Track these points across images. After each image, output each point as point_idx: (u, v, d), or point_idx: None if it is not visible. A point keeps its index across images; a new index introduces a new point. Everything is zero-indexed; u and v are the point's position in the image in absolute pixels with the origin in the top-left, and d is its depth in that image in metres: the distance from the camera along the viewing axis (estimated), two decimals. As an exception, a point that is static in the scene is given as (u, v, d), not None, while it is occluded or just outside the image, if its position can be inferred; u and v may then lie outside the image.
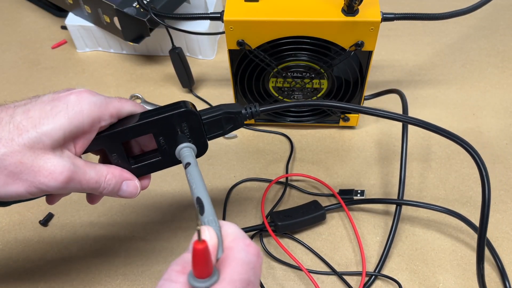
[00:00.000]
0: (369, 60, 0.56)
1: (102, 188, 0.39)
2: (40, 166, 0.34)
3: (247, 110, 0.43)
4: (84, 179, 0.37)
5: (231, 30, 0.53)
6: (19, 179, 0.34)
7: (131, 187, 0.42)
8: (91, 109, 0.36)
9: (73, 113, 0.35)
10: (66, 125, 0.35)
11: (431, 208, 0.56)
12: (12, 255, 0.56)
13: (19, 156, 0.34)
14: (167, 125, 0.41)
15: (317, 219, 0.56)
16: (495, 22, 0.81)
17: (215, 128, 0.42)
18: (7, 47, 0.81)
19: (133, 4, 0.67)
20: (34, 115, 0.35)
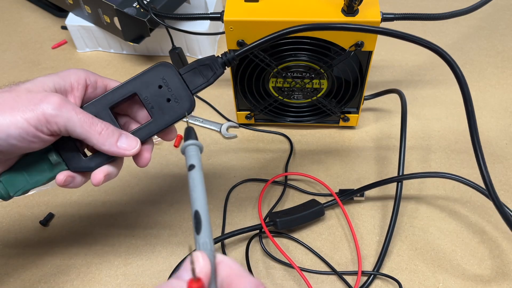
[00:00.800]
0: (369, 60, 0.56)
1: (100, 128, 0.39)
2: (35, 95, 0.37)
3: (223, 57, 0.44)
4: (79, 111, 0.38)
5: (231, 30, 0.53)
6: (14, 109, 0.36)
7: (131, 138, 0.41)
8: (78, 70, 0.41)
9: (62, 73, 0.40)
10: (55, 78, 0.39)
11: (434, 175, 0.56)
12: (12, 255, 0.56)
13: (16, 93, 0.37)
14: (147, 82, 0.42)
15: (315, 214, 0.56)
16: (494, 22, 0.81)
17: (196, 79, 0.43)
18: (7, 47, 0.81)
19: (133, 4, 0.67)
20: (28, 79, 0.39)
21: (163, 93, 0.42)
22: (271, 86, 0.61)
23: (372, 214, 0.58)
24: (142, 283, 0.53)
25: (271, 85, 0.61)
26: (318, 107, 0.63)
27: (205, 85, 0.44)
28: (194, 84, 0.43)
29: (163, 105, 0.42)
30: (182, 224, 0.58)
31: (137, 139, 0.41)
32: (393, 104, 0.69)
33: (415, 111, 0.68)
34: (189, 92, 0.43)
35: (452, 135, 0.66)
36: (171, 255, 0.55)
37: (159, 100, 0.42)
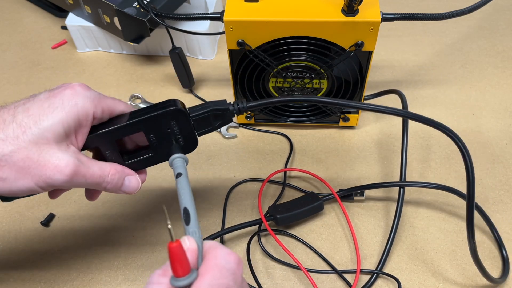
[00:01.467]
0: (369, 60, 0.56)
1: (106, 183, 0.41)
2: (46, 160, 0.36)
3: (234, 107, 0.44)
4: (88, 173, 0.39)
5: (231, 30, 0.53)
6: (28, 174, 0.36)
7: (133, 181, 0.43)
8: (85, 102, 0.38)
9: (69, 107, 0.38)
10: (64, 119, 0.37)
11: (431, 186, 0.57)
12: (12, 255, 0.56)
13: (26, 152, 0.35)
14: (156, 123, 0.42)
15: (315, 209, 0.56)
16: (494, 22, 0.81)
17: (204, 124, 0.44)
18: (7, 47, 0.81)
19: (133, 4, 0.67)
20: (34, 112, 0.37)
21: (170, 134, 0.43)
22: (271, 86, 0.61)
23: (372, 214, 0.58)
24: (142, 283, 0.53)
25: (271, 85, 0.61)
26: (318, 107, 0.63)
27: (209, 131, 0.45)
28: (201, 128, 0.44)
29: (166, 144, 0.43)
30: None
31: (139, 180, 0.43)
32: (393, 104, 0.69)
33: (415, 111, 0.67)
34: (196, 136, 0.44)
35: (452, 135, 0.65)
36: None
37: (164, 140, 0.43)
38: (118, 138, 0.42)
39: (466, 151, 0.44)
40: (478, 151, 0.64)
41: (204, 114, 0.43)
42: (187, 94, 0.72)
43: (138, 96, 0.72)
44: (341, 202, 0.57)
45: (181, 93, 0.73)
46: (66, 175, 0.37)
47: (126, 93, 0.73)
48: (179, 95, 0.72)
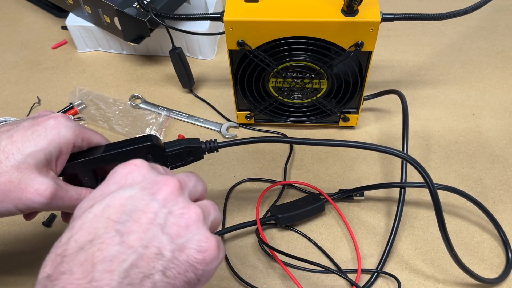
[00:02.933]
0: (368, 60, 0.56)
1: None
2: (27, 184, 0.38)
3: (207, 145, 0.48)
4: (66, 196, 0.40)
5: (231, 31, 0.54)
6: (8, 197, 0.37)
7: None
8: (67, 131, 0.40)
9: (51, 136, 0.39)
10: (46, 147, 0.39)
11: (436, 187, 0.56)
12: (14, 256, 0.56)
13: (7, 176, 0.37)
14: (133, 156, 0.44)
15: (316, 210, 0.56)
16: (494, 22, 0.81)
17: (177, 159, 0.47)
18: (7, 47, 0.82)
19: (133, 5, 0.67)
20: (17, 139, 0.39)
21: None
22: (271, 86, 0.61)
23: (372, 214, 0.58)
24: (142, 283, 0.53)
25: (271, 85, 0.61)
26: (318, 107, 0.63)
27: (182, 165, 0.47)
28: (174, 162, 0.47)
29: None
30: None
31: None
32: (393, 104, 0.69)
33: (415, 111, 0.68)
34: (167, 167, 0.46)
35: (452, 135, 0.66)
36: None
37: None
38: (96, 167, 0.45)
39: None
40: (478, 151, 0.64)
41: (178, 150, 0.46)
42: (187, 94, 0.73)
43: (138, 96, 0.72)
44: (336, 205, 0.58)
45: (181, 93, 0.73)
46: (45, 198, 0.38)
47: (126, 93, 0.73)
48: (179, 95, 0.72)
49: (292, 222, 0.56)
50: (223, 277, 0.54)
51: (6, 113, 0.71)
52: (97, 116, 0.69)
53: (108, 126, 0.68)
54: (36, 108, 0.72)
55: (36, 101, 0.72)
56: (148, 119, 0.69)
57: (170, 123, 0.69)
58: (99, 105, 0.70)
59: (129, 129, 0.67)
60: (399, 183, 0.58)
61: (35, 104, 0.72)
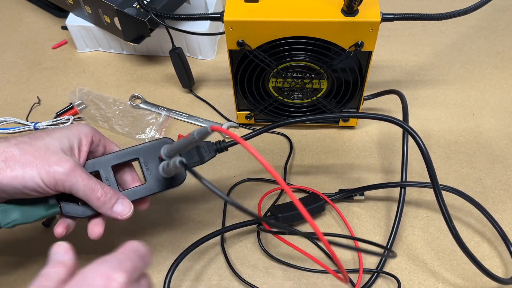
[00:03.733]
0: (368, 60, 0.56)
1: (100, 194, 0.43)
2: (52, 154, 0.41)
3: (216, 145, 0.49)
4: (85, 177, 0.42)
5: (231, 31, 0.54)
6: (33, 162, 0.40)
7: (125, 204, 0.45)
8: (86, 127, 0.46)
9: (73, 128, 0.45)
10: (69, 134, 0.44)
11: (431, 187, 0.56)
12: (13, 255, 0.56)
13: (36, 147, 0.41)
14: (150, 151, 0.47)
15: (317, 210, 0.57)
16: (494, 22, 0.81)
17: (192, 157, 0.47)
18: (7, 47, 0.82)
19: (133, 5, 0.67)
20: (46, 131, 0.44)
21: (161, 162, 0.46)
22: (271, 86, 0.61)
23: (372, 214, 0.58)
24: (142, 283, 0.53)
25: (271, 85, 0.61)
26: (318, 107, 0.63)
27: (198, 164, 0.48)
28: (190, 161, 0.47)
29: (159, 174, 0.46)
30: (182, 224, 0.58)
31: (131, 205, 0.45)
32: (393, 104, 0.69)
33: (415, 111, 0.68)
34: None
35: (452, 135, 0.66)
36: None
37: (156, 169, 0.47)
38: (115, 164, 0.47)
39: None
40: (478, 151, 0.64)
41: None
42: (187, 94, 0.73)
43: (138, 96, 0.72)
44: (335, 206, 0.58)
45: (181, 93, 0.73)
46: (66, 168, 0.41)
47: (126, 93, 0.73)
48: (179, 95, 0.72)
49: (293, 221, 0.56)
50: (223, 277, 0.54)
51: (6, 113, 0.71)
52: (97, 116, 0.69)
53: (108, 126, 0.68)
54: (36, 108, 0.72)
55: (36, 101, 0.72)
56: (148, 119, 0.69)
57: (170, 123, 0.69)
58: (99, 105, 0.70)
59: (129, 129, 0.67)
60: (399, 182, 0.58)
61: (35, 104, 0.72)
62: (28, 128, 0.68)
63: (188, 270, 0.54)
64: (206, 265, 0.55)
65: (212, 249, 0.56)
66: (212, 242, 0.56)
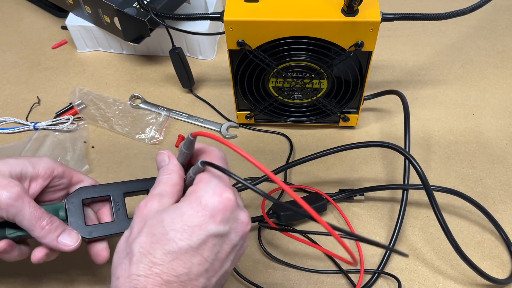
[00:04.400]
0: (369, 60, 0.56)
1: (46, 223, 0.41)
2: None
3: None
4: (32, 205, 0.40)
5: (231, 30, 0.53)
6: None
7: (72, 235, 0.43)
8: (48, 160, 0.44)
9: (33, 159, 0.43)
10: (24, 162, 0.42)
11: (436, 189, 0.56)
12: (12, 255, 0.56)
13: None
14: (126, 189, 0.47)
15: (318, 209, 0.57)
16: (494, 22, 0.81)
17: None
18: (7, 47, 0.81)
19: (133, 4, 0.67)
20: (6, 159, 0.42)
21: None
22: (271, 86, 0.61)
23: (372, 215, 0.58)
24: (142, 283, 0.53)
25: (271, 85, 0.61)
26: (318, 107, 0.63)
27: None
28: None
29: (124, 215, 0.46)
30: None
31: (79, 236, 0.43)
32: (393, 104, 0.69)
33: (415, 111, 0.68)
34: None
35: (452, 135, 0.66)
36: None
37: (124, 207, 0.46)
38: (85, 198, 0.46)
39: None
40: (478, 151, 0.64)
41: None
42: (187, 94, 0.73)
43: (138, 96, 0.72)
44: (337, 205, 0.58)
45: (181, 93, 0.73)
46: (12, 193, 0.39)
47: (126, 93, 0.73)
48: (179, 95, 0.72)
49: (294, 220, 0.56)
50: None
51: (6, 113, 0.71)
52: (97, 116, 0.69)
53: (108, 126, 0.68)
54: (36, 108, 0.72)
55: (36, 101, 0.72)
56: (148, 119, 0.69)
57: (170, 123, 0.69)
58: (99, 105, 0.70)
59: (129, 129, 0.67)
60: (401, 185, 0.57)
61: (35, 104, 0.72)
62: (28, 128, 0.68)
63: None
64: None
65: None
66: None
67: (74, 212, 0.44)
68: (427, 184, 0.50)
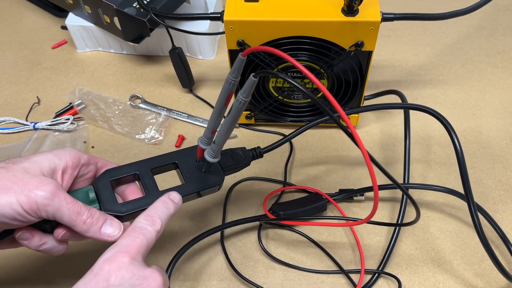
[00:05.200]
0: (369, 60, 0.56)
1: (86, 217, 0.40)
2: (30, 179, 0.38)
3: (252, 151, 0.51)
4: (69, 200, 0.39)
5: (231, 30, 0.53)
6: (11, 189, 0.37)
7: (115, 224, 0.42)
8: (72, 150, 0.44)
9: (57, 151, 0.43)
10: (51, 157, 0.41)
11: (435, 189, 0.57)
12: (12, 255, 0.56)
13: (13, 173, 0.38)
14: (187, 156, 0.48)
15: (318, 209, 0.56)
16: (494, 22, 0.81)
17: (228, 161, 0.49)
18: (7, 47, 0.81)
19: (133, 4, 0.67)
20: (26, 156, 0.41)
21: (199, 165, 0.47)
22: (271, 86, 0.61)
23: (372, 214, 0.58)
24: (142, 283, 0.53)
25: (271, 85, 0.61)
26: (318, 107, 0.63)
27: (234, 166, 0.49)
28: (226, 164, 0.48)
29: (196, 174, 0.47)
30: (183, 224, 0.58)
31: (121, 225, 0.43)
32: (393, 104, 0.69)
33: (415, 111, 0.68)
34: (221, 168, 0.48)
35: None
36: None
37: (193, 172, 0.47)
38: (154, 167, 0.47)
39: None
40: (478, 151, 0.64)
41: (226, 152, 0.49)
42: (187, 94, 0.73)
43: (138, 96, 0.72)
44: (338, 205, 0.57)
45: (181, 93, 0.73)
46: (47, 192, 0.38)
47: (126, 93, 0.73)
48: (179, 95, 0.72)
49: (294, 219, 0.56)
50: (223, 277, 0.54)
51: (6, 113, 0.71)
52: (97, 116, 0.69)
53: (107, 126, 0.68)
54: (36, 108, 0.71)
55: (36, 101, 0.72)
56: (148, 119, 0.69)
57: (170, 123, 0.68)
58: (99, 105, 0.70)
59: (129, 129, 0.67)
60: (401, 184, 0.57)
61: (35, 104, 0.72)
62: (28, 128, 0.68)
63: (187, 269, 0.54)
64: (206, 264, 0.55)
65: (212, 248, 0.56)
66: (212, 241, 0.56)
67: (104, 193, 0.44)
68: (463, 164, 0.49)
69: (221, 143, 0.42)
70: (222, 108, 0.41)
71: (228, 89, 0.39)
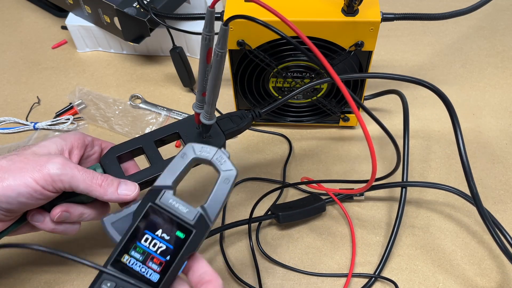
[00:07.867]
0: (369, 60, 0.56)
1: (101, 180, 0.42)
2: (40, 158, 0.41)
3: (251, 112, 0.51)
4: (81, 168, 0.41)
5: (231, 30, 0.53)
6: (24, 169, 0.39)
7: (129, 184, 0.43)
8: (76, 132, 0.46)
9: (62, 135, 0.45)
10: (57, 139, 0.44)
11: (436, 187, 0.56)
12: (12, 256, 0.56)
13: (24, 156, 0.41)
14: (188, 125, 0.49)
15: (317, 210, 0.57)
16: (494, 22, 0.81)
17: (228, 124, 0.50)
18: (7, 47, 0.81)
19: (133, 4, 0.67)
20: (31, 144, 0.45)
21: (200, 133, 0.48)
22: (271, 86, 0.61)
23: (372, 214, 0.58)
24: (142, 283, 0.53)
25: (271, 85, 0.61)
26: (318, 107, 0.63)
27: (235, 129, 0.50)
28: (226, 127, 0.50)
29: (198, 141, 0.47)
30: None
31: (136, 184, 0.44)
32: (393, 104, 0.69)
33: (415, 111, 0.68)
34: (222, 131, 0.49)
35: (452, 135, 0.65)
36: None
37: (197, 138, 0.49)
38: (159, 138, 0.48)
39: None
40: (478, 151, 0.64)
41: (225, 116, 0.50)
42: (187, 94, 0.73)
43: (138, 96, 0.72)
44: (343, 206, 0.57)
45: (181, 93, 0.73)
46: (58, 163, 0.40)
47: (126, 93, 0.73)
48: (179, 95, 0.72)
49: (293, 220, 0.56)
50: (222, 279, 0.53)
51: (6, 113, 0.71)
52: (97, 116, 0.69)
53: (108, 126, 0.68)
54: (36, 108, 0.72)
55: (36, 101, 0.72)
56: (148, 119, 0.69)
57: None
58: (99, 105, 0.70)
59: (129, 129, 0.67)
60: (400, 182, 0.58)
61: (35, 104, 0.72)
62: (28, 128, 0.68)
63: (188, 270, 0.54)
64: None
65: (212, 249, 0.56)
66: (211, 242, 0.56)
67: (111, 167, 0.46)
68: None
69: (211, 102, 0.43)
70: (206, 67, 0.41)
71: (205, 45, 0.40)
